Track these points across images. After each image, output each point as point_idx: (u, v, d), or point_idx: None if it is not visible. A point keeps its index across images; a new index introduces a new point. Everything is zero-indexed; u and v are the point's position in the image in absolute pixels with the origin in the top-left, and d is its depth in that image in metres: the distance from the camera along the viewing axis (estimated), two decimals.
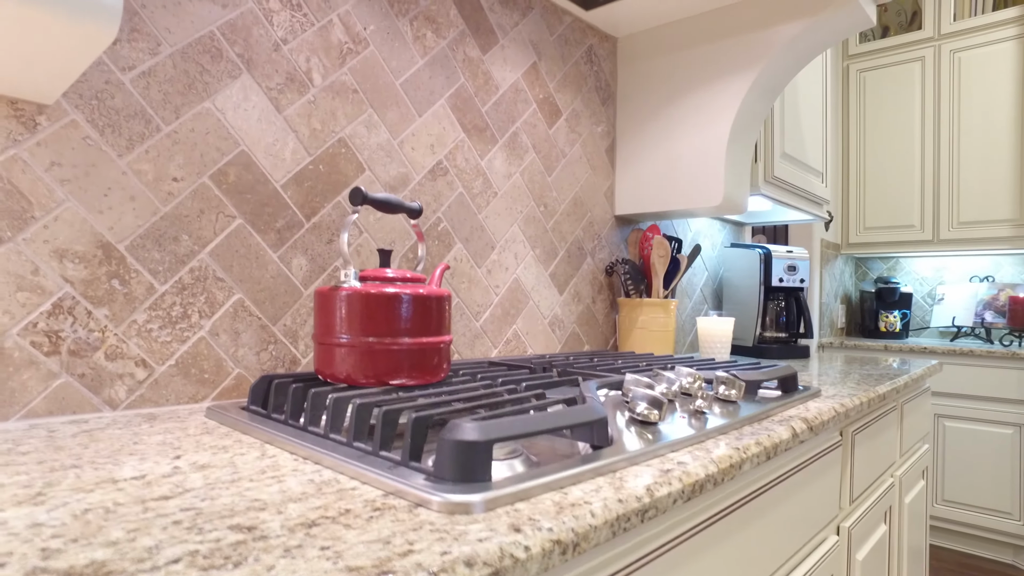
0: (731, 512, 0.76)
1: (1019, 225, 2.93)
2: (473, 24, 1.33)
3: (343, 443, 0.64)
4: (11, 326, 0.77)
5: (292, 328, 1.03)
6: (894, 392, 1.37)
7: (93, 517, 0.46)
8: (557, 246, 1.54)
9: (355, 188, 0.83)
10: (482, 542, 0.42)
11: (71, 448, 0.65)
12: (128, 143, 0.86)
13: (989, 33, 3.02)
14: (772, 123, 1.78)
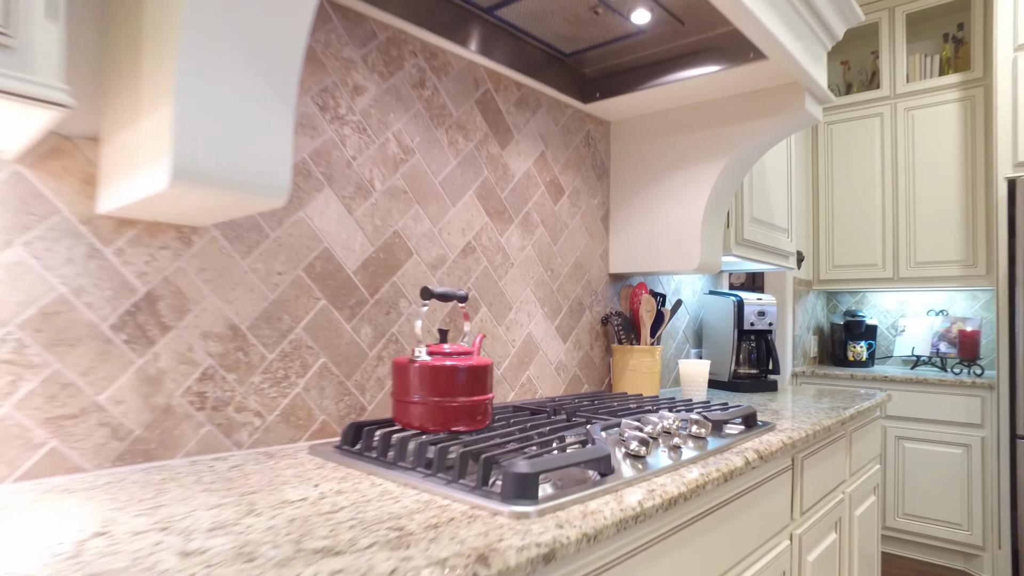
0: (701, 519, 1.06)
1: (967, 265, 3.26)
2: (494, 126, 1.64)
3: (429, 474, 0.93)
4: (175, 390, 1.05)
5: (361, 383, 1.32)
6: (839, 424, 1.68)
7: (299, 524, 0.74)
8: (561, 303, 1.84)
9: (424, 288, 1.13)
10: (541, 535, 0.71)
11: (237, 479, 0.93)
12: (247, 248, 1.15)
13: (936, 95, 3.38)
14: (742, 192, 2.10)
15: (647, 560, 0.92)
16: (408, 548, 0.67)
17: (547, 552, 0.70)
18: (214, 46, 0.77)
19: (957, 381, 3.03)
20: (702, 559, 1.07)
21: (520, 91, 1.72)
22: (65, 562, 0.62)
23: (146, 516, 0.76)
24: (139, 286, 1.01)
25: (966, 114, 3.30)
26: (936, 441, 3.09)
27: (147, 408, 1.02)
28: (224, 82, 0.78)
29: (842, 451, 1.82)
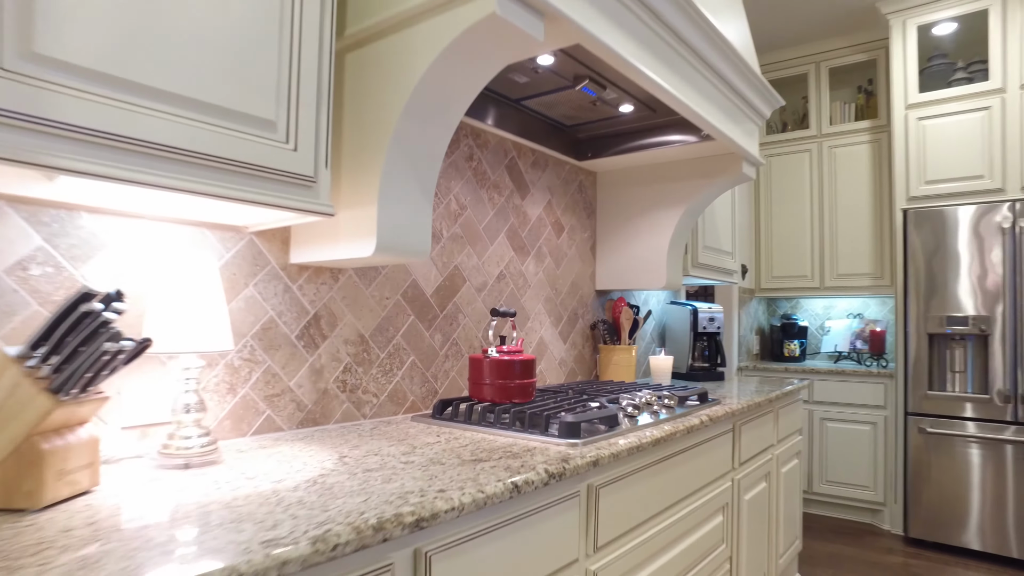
0: (672, 458, 1.64)
1: (876, 277, 3.96)
2: (517, 184, 2.20)
3: (506, 427, 1.49)
4: (330, 378, 1.59)
5: (435, 373, 1.87)
6: (767, 402, 2.30)
7: (448, 450, 1.30)
8: (562, 314, 2.42)
9: (493, 308, 1.69)
10: (588, 453, 1.29)
11: (383, 434, 1.48)
12: (369, 281, 1.69)
13: (852, 136, 4.08)
14: (697, 227, 2.71)
15: (642, 478, 1.50)
16: (520, 458, 1.23)
17: (593, 461, 1.28)
18: (397, 168, 1.32)
19: (867, 372, 3.72)
20: (674, 483, 1.66)
21: (534, 155, 2.29)
22: (337, 474, 1.16)
23: (357, 450, 1.30)
24: (310, 309, 1.55)
25: (875, 154, 4.00)
26: (851, 420, 3.78)
27: (315, 390, 1.56)
28: (400, 189, 1.33)
29: (770, 422, 2.44)
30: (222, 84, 1.01)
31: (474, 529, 1.03)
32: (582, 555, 1.32)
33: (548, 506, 1.20)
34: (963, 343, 3.38)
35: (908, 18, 3.66)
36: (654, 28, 1.58)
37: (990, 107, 3.41)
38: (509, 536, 1.10)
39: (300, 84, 1.14)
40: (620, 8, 1.45)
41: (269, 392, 1.46)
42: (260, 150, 1.06)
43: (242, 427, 1.40)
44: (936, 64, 3.72)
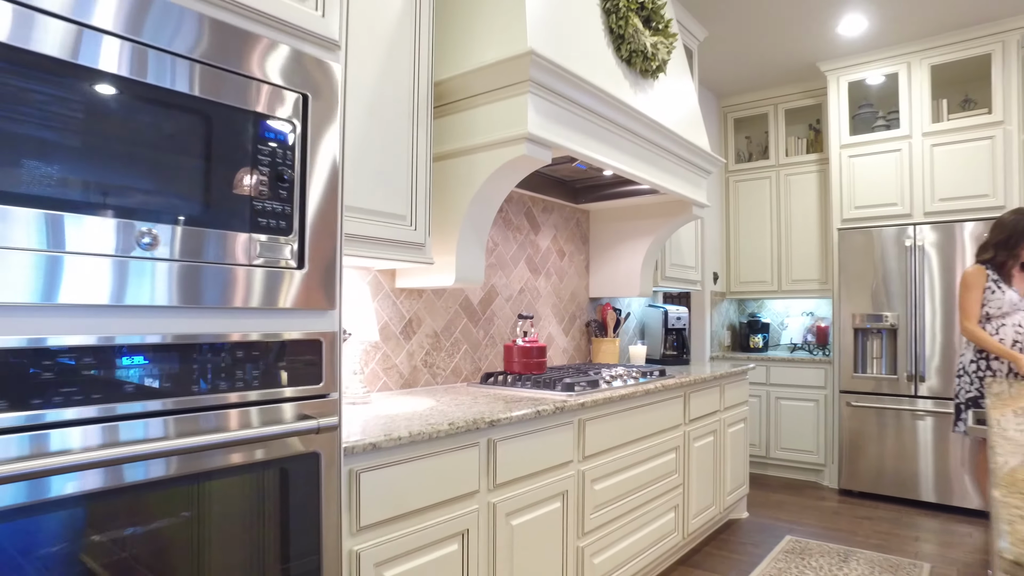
0: (638, 409, 2.57)
1: (822, 283, 4.87)
2: (532, 224, 3.13)
3: (528, 387, 2.42)
4: (418, 358, 2.52)
5: (480, 356, 2.81)
6: (713, 378, 3.22)
7: (494, 398, 2.23)
8: (564, 315, 3.35)
9: (520, 314, 2.62)
10: (575, 401, 2.22)
11: (455, 391, 2.41)
12: (439, 296, 2.62)
13: (803, 167, 4.99)
14: (666, 248, 3.63)
15: (614, 419, 2.43)
16: (538, 402, 2.16)
17: (581, 404, 2.21)
18: (466, 234, 2.25)
19: (812, 359, 4.64)
20: (638, 426, 2.58)
21: (544, 203, 3.22)
22: (439, 407, 2.10)
23: (443, 398, 2.24)
24: (407, 315, 2.48)
25: (821, 181, 4.91)
26: (799, 399, 4.69)
27: (410, 366, 2.49)
28: (467, 246, 2.26)
29: (716, 394, 3.37)
30: (386, 198, 1.95)
31: (517, 432, 1.96)
32: (576, 459, 2.25)
33: (555, 428, 2.13)
34: (880, 335, 4.30)
35: (840, 75, 4.57)
36: (621, 134, 2.52)
37: (901, 149, 4.32)
38: (535, 440, 2.03)
39: (418, 189, 2.07)
40: (596, 128, 2.38)
41: (385, 366, 2.39)
42: (399, 232, 2.00)
43: (373, 386, 2.34)
44: (863, 112, 4.63)
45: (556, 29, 2.26)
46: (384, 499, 1.54)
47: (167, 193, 1.08)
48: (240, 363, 1.19)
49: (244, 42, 1.20)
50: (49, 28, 0.96)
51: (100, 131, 1.00)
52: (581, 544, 2.27)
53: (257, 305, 1.20)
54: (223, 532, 1.16)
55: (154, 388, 1.07)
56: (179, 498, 1.10)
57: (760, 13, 3.87)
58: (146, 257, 1.06)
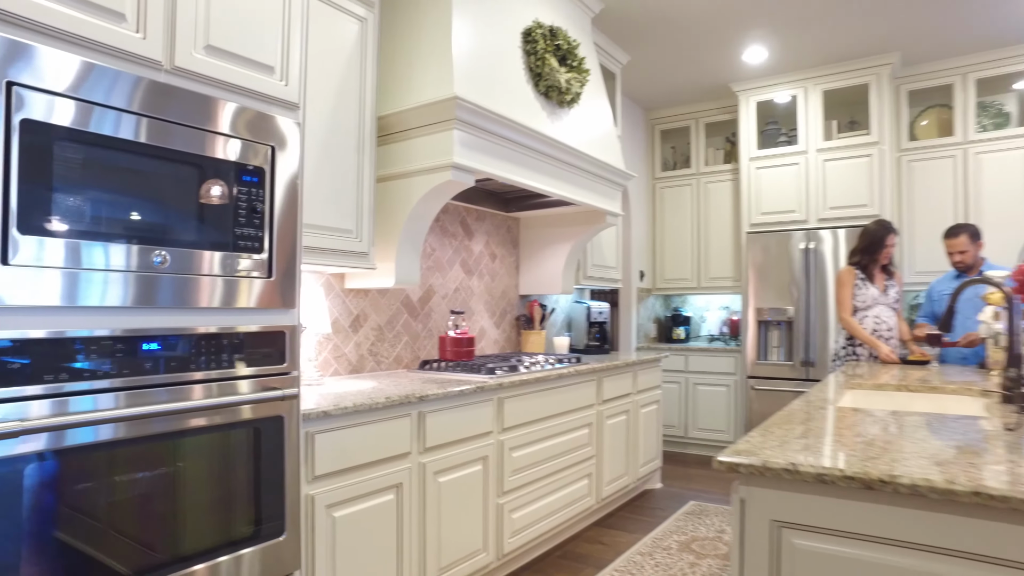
0: (555, 389, 3.06)
1: (735, 280, 5.44)
2: (467, 231, 3.58)
3: (458, 371, 2.88)
4: (365, 348, 2.96)
5: (418, 346, 3.25)
6: (625, 365, 3.73)
7: (429, 380, 2.68)
8: (496, 311, 3.82)
9: (451, 310, 3.08)
10: (495, 382, 2.69)
11: (397, 375, 2.86)
12: (383, 295, 3.06)
13: (720, 175, 5.55)
14: (587, 250, 4.13)
15: (531, 397, 2.90)
16: (464, 383, 2.62)
17: (499, 384, 2.68)
18: (404, 244, 2.69)
19: (725, 349, 5.21)
20: (554, 404, 3.06)
21: (478, 213, 3.68)
22: (380, 387, 2.55)
23: (385, 380, 2.68)
24: (355, 312, 2.91)
25: (734, 189, 5.47)
26: (714, 384, 5.26)
27: (357, 355, 2.92)
28: (405, 253, 2.70)
29: (629, 378, 3.88)
30: (337, 216, 2.38)
31: (444, 407, 2.42)
32: (496, 431, 2.71)
33: (477, 404, 2.59)
34: (779, 327, 4.89)
35: (749, 95, 5.14)
36: (538, 157, 2.99)
37: (799, 163, 4.90)
38: (459, 413, 2.49)
39: (363, 208, 2.50)
40: (514, 153, 2.84)
41: (335, 354, 2.82)
42: (347, 243, 2.43)
43: (326, 372, 2.77)
44: (769, 128, 5.20)
45: (481, 70, 2.71)
46: (333, 455, 1.98)
47: (172, 224, 1.50)
48: (229, 348, 1.61)
49: (228, 111, 1.63)
50: (96, 113, 1.37)
51: (132, 182, 1.42)
52: (500, 501, 2.74)
53: (241, 306, 1.63)
54: (216, 475, 1.59)
55: (170, 364, 1.50)
56: (188, 447, 1.53)
57: (677, 41, 4.39)
58: (160, 272, 1.48)
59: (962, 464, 1.14)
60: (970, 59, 4.51)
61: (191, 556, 1.55)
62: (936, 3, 3.82)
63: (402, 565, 2.24)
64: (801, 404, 1.91)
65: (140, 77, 1.46)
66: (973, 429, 1.48)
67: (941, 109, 4.76)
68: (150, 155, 1.47)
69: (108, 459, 1.39)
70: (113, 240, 1.40)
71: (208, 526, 1.58)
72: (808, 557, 1.15)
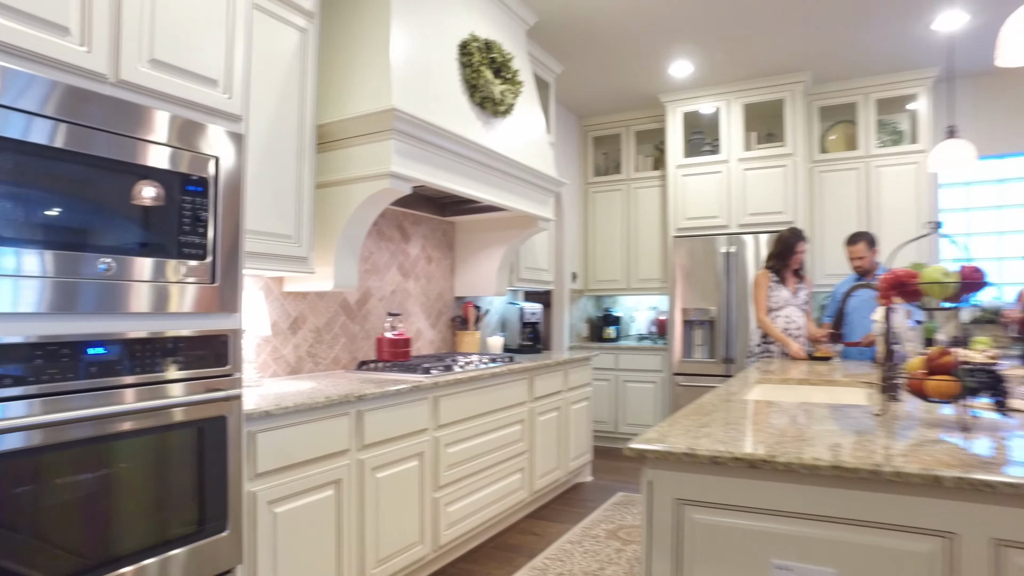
0: (483, 388, 3.19)
1: (662, 282, 5.71)
2: (403, 235, 3.68)
3: (394, 371, 2.98)
4: (303, 349, 3.02)
5: (355, 347, 3.33)
6: (556, 364, 3.90)
7: (366, 380, 2.78)
8: (432, 312, 3.93)
9: (388, 312, 3.18)
10: (431, 381, 2.81)
11: (335, 375, 2.94)
12: (321, 298, 3.13)
13: (648, 181, 5.80)
14: (520, 254, 4.28)
15: (465, 395, 3.03)
16: (399, 383, 2.73)
17: (434, 383, 2.80)
18: (342, 249, 2.77)
19: (653, 348, 5.46)
20: (487, 402, 3.20)
21: (415, 217, 3.78)
22: (319, 387, 2.63)
23: (323, 381, 2.76)
24: (293, 314, 2.98)
25: (662, 195, 5.74)
26: (643, 381, 5.51)
27: (296, 356, 2.99)
28: (343, 258, 2.79)
29: (560, 376, 4.05)
30: (277, 221, 2.45)
31: (381, 405, 2.52)
32: (431, 428, 2.83)
33: (413, 402, 2.70)
34: (702, 326, 5.17)
35: (676, 106, 5.40)
36: (472, 166, 3.12)
37: (721, 171, 5.20)
38: (396, 411, 2.60)
39: (303, 213, 2.58)
40: (450, 162, 2.97)
41: (274, 356, 2.88)
42: (287, 248, 2.51)
43: (265, 373, 2.83)
44: (695, 138, 5.49)
45: (418, 81, 2.83)
46: (275, 453, 2.07)
47: (117, 233, 1.56)
48: (174, 351, 1.68)
49: (173, 123, 1.69)
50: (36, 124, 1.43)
51: (75, 192, 1.48)
52: (436, 495, 2.86)
53: (185, 311, 1.71)
54: (158, 475, 1.66)
55: (114, 368, 1.56)
56: (131, 448, 1.59)
57: (608, 53, 4.60)
58: (105, 279, 1.54)
59: (830, 444, 1.34)
60: (871, 81, 4.89)
61: (126, 556, 1.59)
62: (842, 29, 4.14)
63: (341, 557, 2.34)
64: (711, 397, 2.10)
65: (81, 88, 1.52)
66: (848, 415, 1.70)
67: (847, 125, 5.14)
68: (93, 165, 1.53)
69: (35, 465, 1.45)
70: (56, 248, 1.46)
71: (147, 525, 1.64)
72: (705, 529, 1.33)
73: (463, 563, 3.10)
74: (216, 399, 1.76)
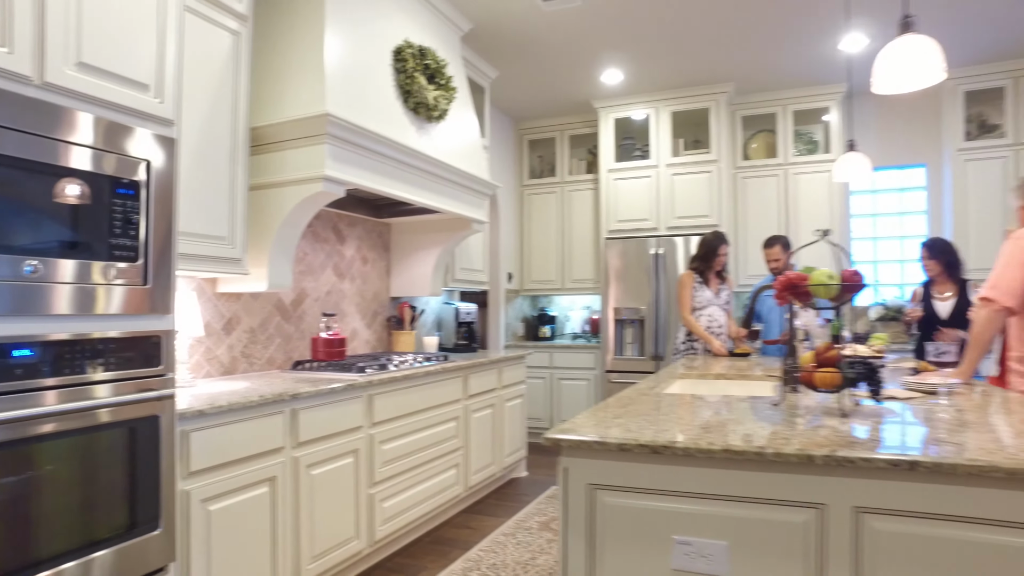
0: (418, 386, 3.27)
1: (595, 282, 5.89)
2: (339, 237, 3.72)
3: (329, 371, 3.03)
4: (237, 350, 3.04)
5: (291, 347, 3.36)
6: (489, 363, 4.01)
7: (301, 380, 2.82)
8: (368, 313, 3.98)
9: (323, 312, 3.22)
10: (371, 382, 2.87)
11: (269, 375, 2.97)
12: (255, 298, 3.15)
13: (582, 184, 5.98)
14: (455, 255, 4.37)
15: (399, 393, 3.10)
16: (334, 381, 2.79)
17: (368, 381, 2.87)
18: (276, 250, 2.81)
19: (587, 346, 5.63)
20: (422, 399, 3.28)
21: (350, 219, 3.82)
22: (253, 387, 2.66)
23: (258, 381, 2.79)
24: (227, 315, 2.99)
25: (595, 198, 5.92)
26: (576, 379, 5.68)
27: (230, 357, 3.00)
28: (277, 259, 2.82)
29: (494, 374, 4.16)
30: (210, 223, 2.47)
31: (316, 404, 2.57)
32: (366, 425, 2.89)
33: (347, 400, 2.76)
34: (633, 325, 5.37)
35: (608, 112, 5.59)
36: (406, 169, 3.19)
37: (650, 176, 5.41)
38: (330, 410, 2.65)
39: (236, 215, 2.60)
40: (384, 165, 3.04)
41: (208, 357, 2.89)
42: (220, 250, 2.53)
43: (198, 374, 2.83)
44: (626, 143, 5.69)
45: (352, 86, 2.88)
46: (208, 452, 2.10)
47: (45, 235, 1.59)
48: (104, 353, 1.71)
49: (102, 127, 1.72)
50: None
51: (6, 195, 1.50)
52: (371, 492, 2.92)
53: (116, 312, 1.73)
54: (90, 474, 1.68)
55: (43, 370, 1.58)
56: (58, 450, 1.61)
57: (542, 60, 4.73)
58: (32, 281, 1.56)
59: (724, 431, 1.48)
60: (789, 93, 5.18)
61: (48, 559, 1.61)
62: (759, 45, 4.39)
63: (276, 553, 2.38)
64: (631, 392, 2.24)
65: (3, 90, 1.53)
66: (752, 406, 1.86)
67: (767, 134, 5.43)
68: (19, 168, 1.55)
69: None
70: None
71: (74, 526, 1.66)
72: (615, 511, 1.45)
73: (399, 557, 3.17)
74: (148, 399, 1.80)
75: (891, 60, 1.79)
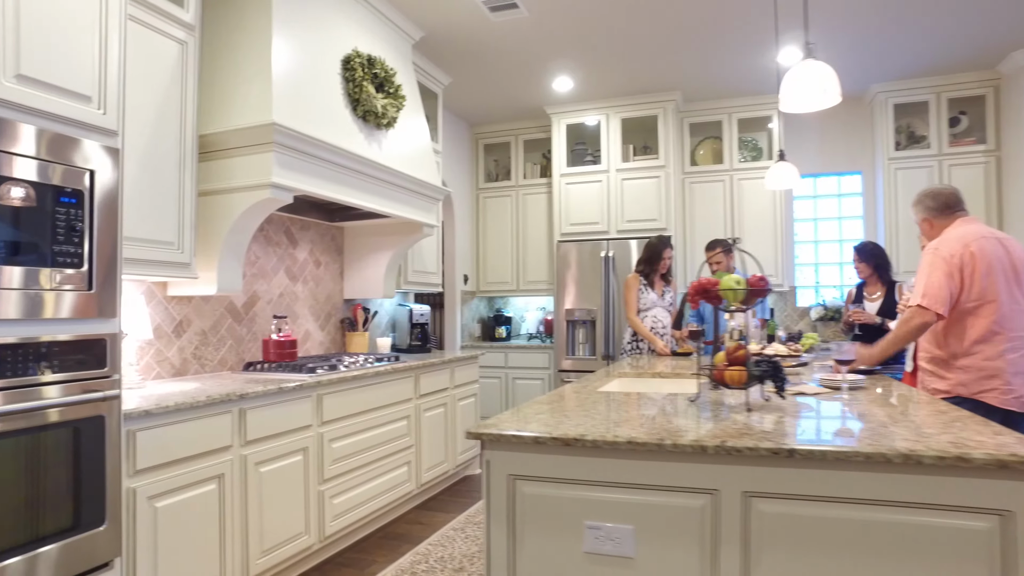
0: (369, 386, 3.36)
1: (549, 283, 6.02)
2: (291, 240, 3.79)
3: (281, 371, 3.11)
4: (189, 351, 3.09)
5: (242, 349, 3.42)
6: (441, 363, 4.11)
7: (251, 381, 2.89)
8: (321, 315, 4.05)
9: (275, 315, 3.29)
10: (320, 382, 2.95)
11: (220, 377, 3.03)
12: (206, 302, 3.20)
13: (536, 188, 6.11)
14: (408, 257, 4.47)
15: (350, 392, 3.19)
16: (285, 382, 2.87)
17: (318, 381, 2.95)
18: (225, 254, 2.87)
19: (542, 346, 5.76)
20: (373, 399, 3.37)
21: (302, 223, 3.89)
22: (203, 388, 2.73)
23: (209, 382, 2.85)
24: (178, 318, 3.04)
25: (549, 201, 6.06)
26: (530, 378, 5.81)
27: (180, 359, 3.05)
28: (227, 263, 2.89)
29: (447, 374, 4.26)
30: (158, 228, 2.53)
31: (264, 403, 2.65)
32: (315, 424, 2.98)
33: (296, 400, 2.84)
34: (584, 325, 5.52)
35: (561, 118, 5.73)
36: (355, 176, 3.28)
37: (601, 180, 5.57)
38: (279, 409, 2.73)
39: (184, 221, 2.67)
40: (332, 172, 3.12)
41: (158, 359, 2.94)
42: (169, 254, 2.59)
43: (148, 375, 2.88)
44: (578, 148, 5.84)
45: (300, 95, 2.96)
46: (155, 451, 2.17)
47: None
48: (48, 355, 1.77)
49: (44, 138, 1.78)
50: None
51: None
52: (321, 488, 3.01)
53: (62, 316, 1.80)
54: (34, 473, 1.74)
55: None
56: (6, 448, 1.67)
57: (494, 66, 4.85)
58: None
59: (637, 424, 1.62)
60: (734, 102, 5.39)
61: None
62: (705, 54, 4.57)
63: (225, 548, 2.46)
64: (566, 389, 2.37)
65: None
66: (671, 402, 2.00)
67: (714, 141, 5.63)
68: None
69: None
70: None
71: (16, 523, 1.73)
72: (532, 499, 1.57)
73: (350, 552, 3.26)
74: (93, 400, 1.86)
75: (794, 82, 1.95)
